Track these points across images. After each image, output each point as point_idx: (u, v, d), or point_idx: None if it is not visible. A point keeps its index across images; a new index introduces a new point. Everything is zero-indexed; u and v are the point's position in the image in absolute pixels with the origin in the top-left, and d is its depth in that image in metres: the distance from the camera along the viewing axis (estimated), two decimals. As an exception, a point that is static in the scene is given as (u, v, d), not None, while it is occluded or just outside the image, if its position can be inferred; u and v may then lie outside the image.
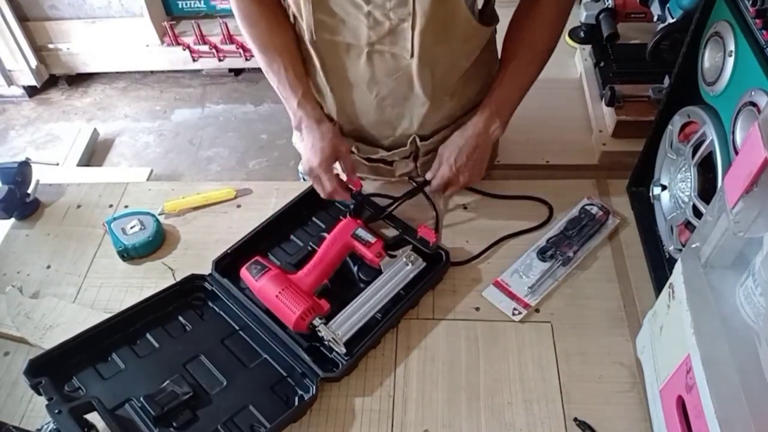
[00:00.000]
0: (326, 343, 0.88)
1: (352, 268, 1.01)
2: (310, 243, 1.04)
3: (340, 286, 0.98)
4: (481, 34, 0.98)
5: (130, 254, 1.06)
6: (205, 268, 1.00)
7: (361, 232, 0.99)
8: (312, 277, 0.95)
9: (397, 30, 0.90)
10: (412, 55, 0.93)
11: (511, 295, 0.97)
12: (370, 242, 0.98)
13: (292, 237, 1.08)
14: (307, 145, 1.01)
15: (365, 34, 0.92)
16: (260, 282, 0.93)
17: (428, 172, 1.07)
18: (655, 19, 1.36)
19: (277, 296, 0.91)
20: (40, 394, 0.83)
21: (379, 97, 1.02)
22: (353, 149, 1.13)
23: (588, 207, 1.06)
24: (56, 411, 0.80)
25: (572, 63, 1.61)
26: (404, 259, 0.97)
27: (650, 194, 1.01)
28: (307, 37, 0.95)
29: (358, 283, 0.99)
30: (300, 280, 0.94)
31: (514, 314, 0.95)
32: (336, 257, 0.98)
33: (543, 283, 0.98)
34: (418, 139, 1.08)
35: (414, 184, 1.10)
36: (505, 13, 1.01)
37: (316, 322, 0.89)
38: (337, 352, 0.88)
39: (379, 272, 0.97)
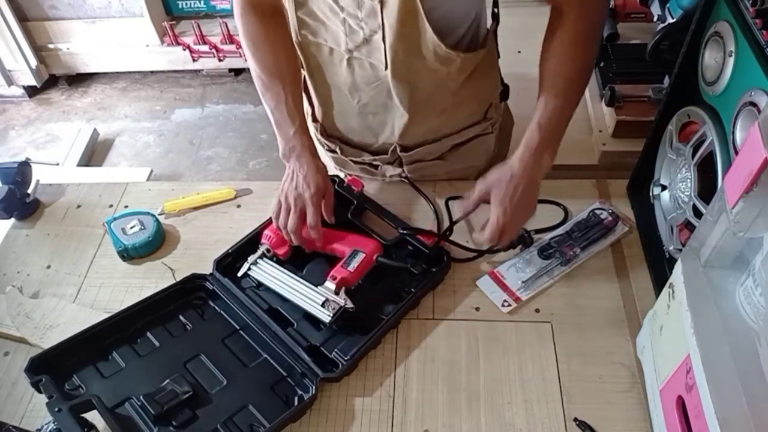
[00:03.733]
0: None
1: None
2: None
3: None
4: (461, 60, 0.93)
5: (130, 254, 1.06)
6: (205, 268, 1.00)
7: (358, 256, 0.96)
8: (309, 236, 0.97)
9: (371, 40, 0.90)
10: (386, 67, 0.92)
11: (504, 287, 0.98)
12: (347, 268, 0.95)
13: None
14: (297, 175, 0.97)
15: (344, 40, 0.92)
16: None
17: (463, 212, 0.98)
18: (655, 19, 1.36)
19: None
20: (40, 392, 0.83)
21: (361, 104, 1.01)
22: (337, 150, 1.12)
23: (598, 211, 1.06)
24: (56, 409, 0.80)
25: (572, 63, 1.61)
26: (327, 297, 0.92)
27: (650, 194, 1.01)
28: (293, 36, 0.95)
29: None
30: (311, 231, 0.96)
31: (503, 306, 0.95)
32: (339, 248, 0.99)
33: (538, 280, 0.98)
34: (398, 149, 1.08)
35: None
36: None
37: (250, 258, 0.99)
38: (337, 352, 0.89)
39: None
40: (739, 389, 0.60)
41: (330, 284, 0.93)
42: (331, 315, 0.90)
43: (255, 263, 0.99)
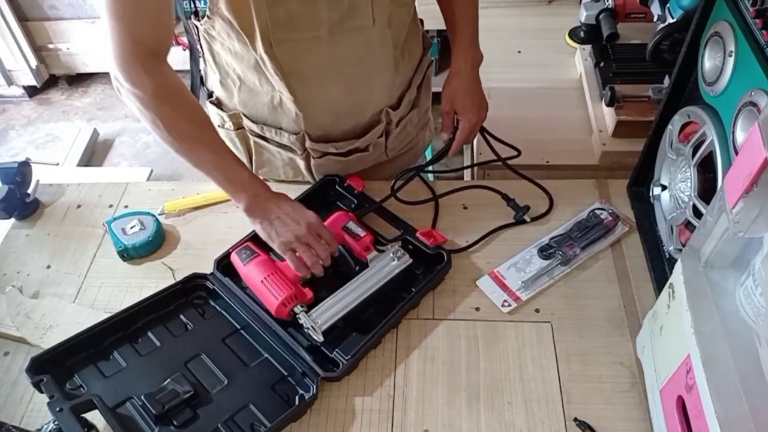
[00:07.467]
0: (305, 330, 0.89)
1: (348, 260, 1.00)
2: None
3: (330, 279, 0.97)
4: None
5: (130, 254, 1.06)
6: (206, 269, 1.00)
7: (352, 225, 1.00)
8: None
9: (357, 2, 0.91)
10: (374, 23, 0.94)
11: (504, 287, 0.98)
12: (360, 236, 0.98)
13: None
14: (284, 218, 0.94)
15: (325, 18, 0.91)
16: (248, 267, 0.94)
17: (443, 134, 1.11)
18: (655, 19, 1.36)
19: (262, 281, 0.92)
20: (41, 392, 0.83)
21: (346, 83, 1.01)
22: (331, 148, 1.10)
23: (598, 211, 1.06)
24: (57, 409, 0.80)
25: (572, 63, 1.61)
26: (391, 255, 0.97)
27: (650, 194, 1.01)
28: (262, 49, 0.92)
29: (348, 277, 0.98)
30: (287, 267, 0.94)
31: (503, 306, 0.95)
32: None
33: (538, 280, 0.98)
34: (391, 111, 1.10)
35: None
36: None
37: (297, 309, 0.90)
38: (338, 352, 0.89)
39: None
40: (739, 389, 0.60)
41: (370, 254, 0.97)
42: (404, 258, 0.97)
43: (308, 314, 0.90)
